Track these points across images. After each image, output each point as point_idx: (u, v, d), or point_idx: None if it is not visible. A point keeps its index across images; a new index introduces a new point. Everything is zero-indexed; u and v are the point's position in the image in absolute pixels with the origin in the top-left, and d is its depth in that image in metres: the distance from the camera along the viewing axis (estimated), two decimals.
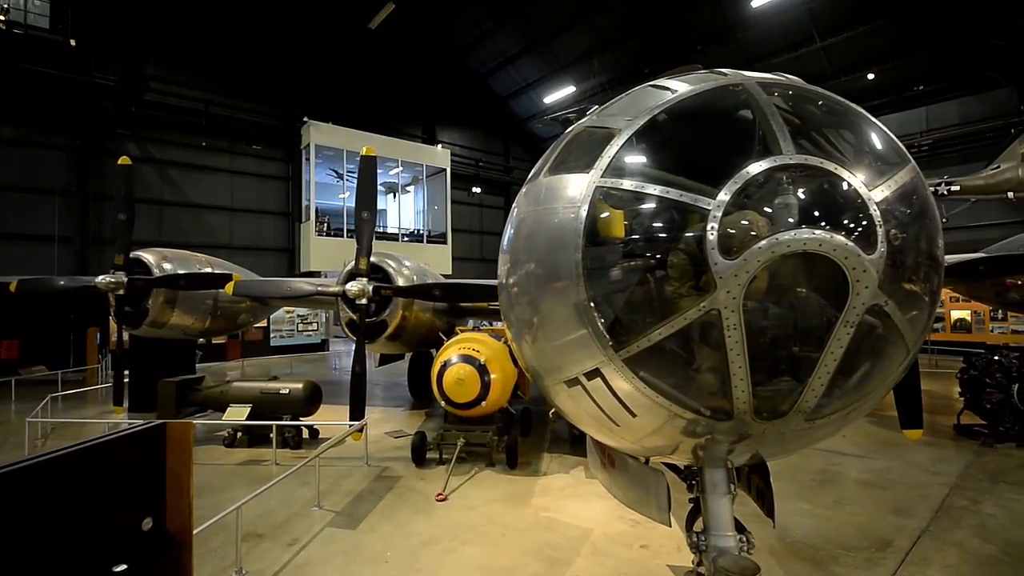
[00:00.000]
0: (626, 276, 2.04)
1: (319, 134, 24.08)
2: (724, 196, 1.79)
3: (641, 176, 2.04)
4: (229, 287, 8.91)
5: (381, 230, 28.56)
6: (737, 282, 1.76)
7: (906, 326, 1.88)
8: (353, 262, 8.37)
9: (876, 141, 2.08)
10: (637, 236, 2.01)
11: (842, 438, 9.46)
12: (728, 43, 23.50)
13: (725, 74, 2.30)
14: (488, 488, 7.15)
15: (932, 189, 13.84)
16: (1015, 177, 15.24)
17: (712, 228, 1.79)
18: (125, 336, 11.92)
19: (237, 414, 8.63)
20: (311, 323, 24.99)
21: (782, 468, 7.78)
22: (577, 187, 2.24)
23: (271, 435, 8.72)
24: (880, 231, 1.73)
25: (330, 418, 9.53)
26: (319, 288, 8.73)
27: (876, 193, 1.78)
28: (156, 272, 10.09)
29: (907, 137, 21.79)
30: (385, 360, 12.96)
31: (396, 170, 27.66)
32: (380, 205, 29.94)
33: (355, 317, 8.48)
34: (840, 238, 1.69)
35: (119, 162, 9.89)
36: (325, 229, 24.80)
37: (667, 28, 24.20)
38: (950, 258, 8.66)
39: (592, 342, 2.18)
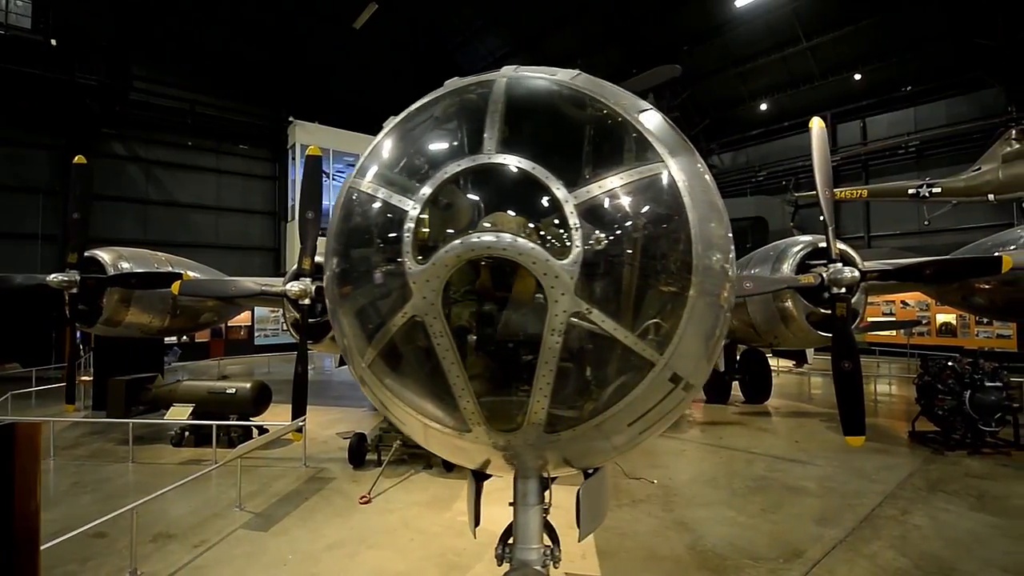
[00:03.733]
0: (358, 281, 1.97)
1: (305, 134, 24.14)
2: (421, 197, 1.72)
3: (375, 177, 1.96)
4: (175, 286, 8.88)
5: None
6: (430, 287, 1.68)
7: (630, 335, 1.78)
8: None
9: (622, 140, 1.98)
10: (363, 239, 1.94)
11: (795, 443, 9.33)
12: (714, 44, 23.31)
13: (498, 71, 2.21)
14: (416, 491, 7.07)
15: (914, 191, 13.61)
16: (995, 179, 14.98)
17: (408, 231, 1.71)
18: (91, 335, 12.07)
19: (178, 413, 8.63)
20: None
21: (719, 474, 7.69)
22: (344, 187, 2.19)
23: (223, 435, 8.77)
24: (576, 235, 1.64)
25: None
26: (263, 288, 8.70)
27: (579, 194, 1.68)
28: (111, 271, 10.09)
29: (896, 138, 21.48)
30: (344, 361, 12.92)
31: None
32: None
33: (299, 317, 8.43)
34: (525, 242, 1.60)
35: (75, 161, 9.87)
36: None
37: (653, 29, 24.02)
38: (899, 262, 8.50)
39: (349, 346, 2.14)
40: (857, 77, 21.23)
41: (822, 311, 7.98)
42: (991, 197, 15.18)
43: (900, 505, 6.45)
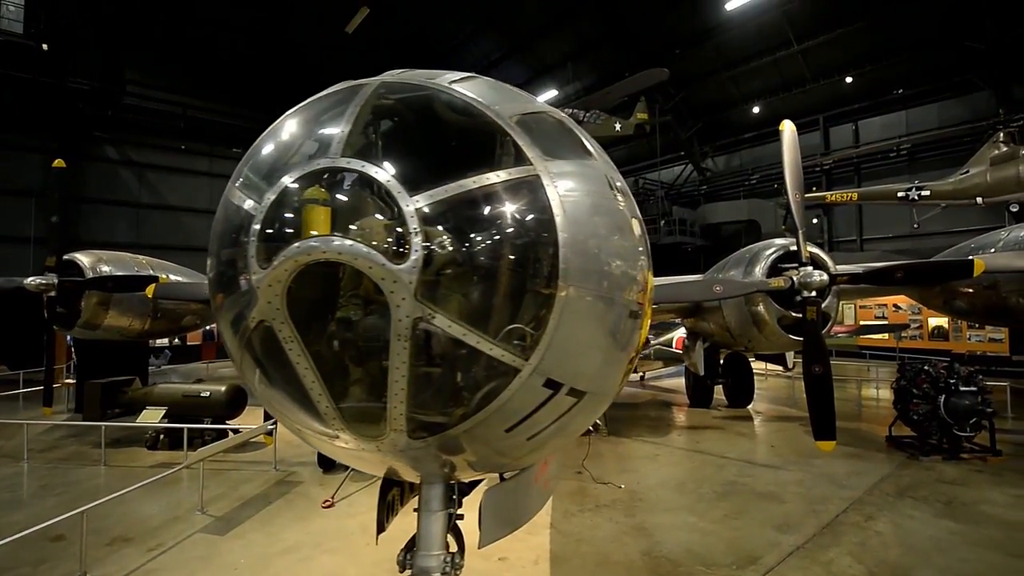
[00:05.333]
0: (223, 285, 1.96)
1: None
2: (266, 201, 1.71)
3: (239, 180, 1.96)
4: (149, 290, 8.92)
5: None
6: (273, 292, 1.66)
7: (483, 340, 1.76)
8: None
9: (484, 144, 1.96)
10: (225, 243, 1.92)
11: (771, 448, 9.27)
12: (706, 47, 23.31)
13: (381, 74, 2.20)
14: None
15: (903, 194, 13.56)
16: (983, 182, 14.90)
17: (253, 235, 1.70)
18: (69, 338, 12.08)
19: (151, 417, 8.65)
20: None
21: (688, 479, 7.64)
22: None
23: (197, 437, 8.78)
24: (416, 239, 1.62)
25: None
26: None
27: (422, 198, 1.66)
28: (90, 274, 10.13)
29: (887, 141, 21.38)
30: None
31: None
32: None
33: None
34: (361, 246, 1.59)
35: (53, 165, 9.94)
36: None
37: (645, 32, 24.03)
38: (870, 265, 8.45)
39: (227, 349, 2.14)
40: (848, 80, 21.18)
41: (794, 315, 7.94)
42: (979, 200, 15.10)
43: (866, 511, 6.38)
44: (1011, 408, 11.32)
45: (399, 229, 1.63)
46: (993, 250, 9.22)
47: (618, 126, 22.69)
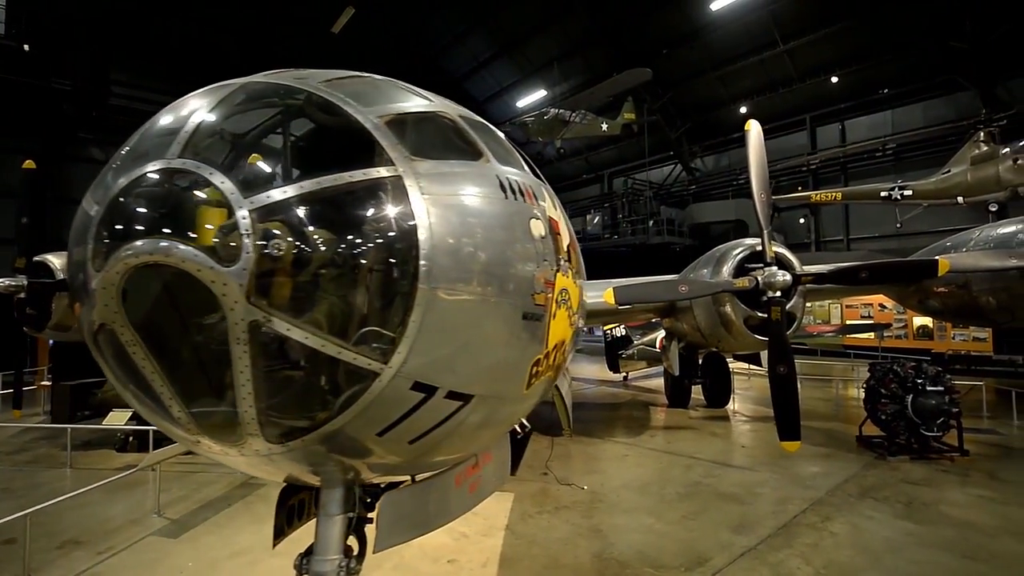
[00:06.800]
0: (72, 287, 1.92)
1: None
2: (104, 203, 1.68)
3: (94, 182, 1.92)
4: None
5: None
6: (108, 295, 1.64)
7: (329, 344, 1.73)
8: None
9: (340, 145, 1.94)
10: (72, 244, 1.87)
11: (741, 448, 9.26)
12: (693, 47, 23.28)
13: (254, 75, 2.17)
14: None
15: (886, 194, 13.49)
16: (964, 182, 14.91)
17: (90, 237, 1.68)
18: (50, 341, 12.04)
19: (117, 418, 8.60)
20: None
21: (653, 480, 7.62)
22: None
23: (164, 439, 8.72)
24: (247, 241, 1.59)
25: None
26: None
27: (257, 200, 1.63)
28: (60, 275, 10.07)
29: (873, 140, 21.36)
30: None
31: None
32: None
33: None
34: (189, 249, 1.56)
35: (24, 165, 9.87)
36: None
37: (632, 32, 24.02)
38: (836, 265, 8.42)
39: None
40: (834, 80, 21.17)
41: (760, 315, 7.92)
42: (960, 200, 15.10)
43: (824, 512, 6.36)
44: (987, 407, 11.34)
45: (231, 231, 1.61)
46: (965, 249, 9.20)
47: (605, 126, 22.66)
